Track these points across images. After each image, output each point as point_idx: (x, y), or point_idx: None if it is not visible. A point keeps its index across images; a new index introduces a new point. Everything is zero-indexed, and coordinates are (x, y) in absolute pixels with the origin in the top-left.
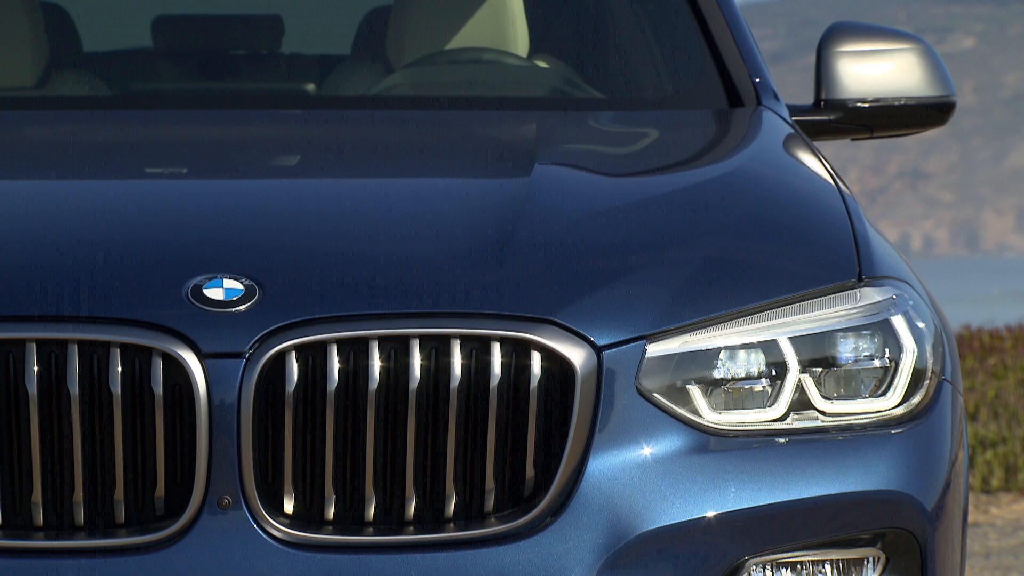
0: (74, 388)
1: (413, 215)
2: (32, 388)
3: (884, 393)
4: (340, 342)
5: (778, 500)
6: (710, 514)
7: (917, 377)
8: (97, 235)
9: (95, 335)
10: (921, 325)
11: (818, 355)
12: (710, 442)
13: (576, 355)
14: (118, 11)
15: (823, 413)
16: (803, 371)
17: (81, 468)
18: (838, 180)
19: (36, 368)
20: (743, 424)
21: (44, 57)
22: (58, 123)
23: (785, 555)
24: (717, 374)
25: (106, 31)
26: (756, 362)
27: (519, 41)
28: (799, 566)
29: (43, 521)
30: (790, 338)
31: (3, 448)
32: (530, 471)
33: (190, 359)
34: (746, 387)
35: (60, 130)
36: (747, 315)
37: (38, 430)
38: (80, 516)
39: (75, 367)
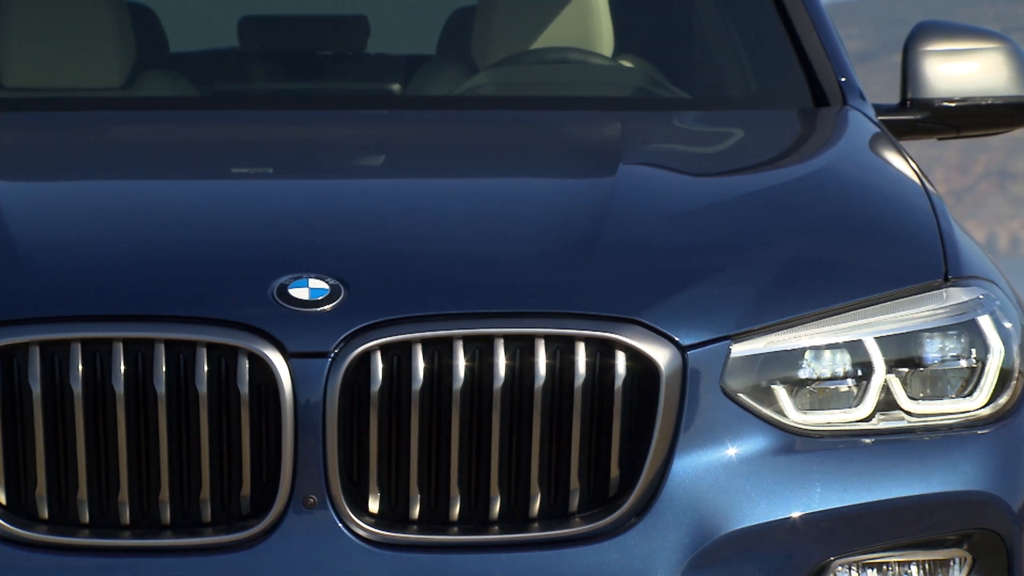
0: (161, 388)
1: (498, 215)
2: (119, 387)
3: (970, 393)
4: (425, 342)
5: (864, 501)
6: (795, 515)
7: (1004, 377)
8: (184, 235)
9: (182, 335)
10: (1008, 325)
11: (904, 355)
12: (795, 442)
13: (661, 355)
14: (205, 11)
15: (909, 413)
16: (889, 371)
17: (167, 467)
18: (924, 180)
19: (123, 368)
20: (829, 424)
21: (131, 58)
22: (145, 123)
23: (871, 556)
24: (802, 374)
25: (193, 32)
26: (842, 362)
27: (604, 41)
28: (885, 567)
29: (129, 520)
30: (876, 338)
31: (92, 448)
32: (614, 471)
33: (276, 359)
34: (831, 387)
35: (147, 130)
36: (833, 315)
37: (125, 429)
38: (166, 515)
39: (161, 367)
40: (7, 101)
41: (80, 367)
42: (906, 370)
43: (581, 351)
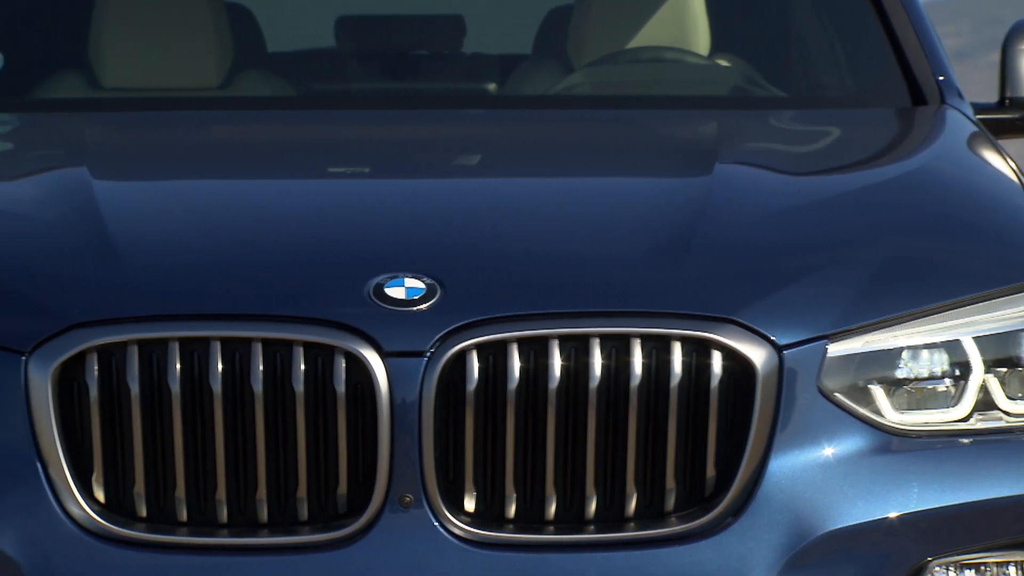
0: (257, 386)
1: (593, 214)
2: (216, 386)
3: None
4: (521, 341)
5: (962, 501)
6: (893, 515)
7: None
8: (280, 234)
9: (279, 334)
10: None
11: (1002, 355)
12: (892, 442)
13: (757, 355)
14: (302, 11)
15: (1007, 413)
16: (987, 371)
17: (265, 466)
18: (1022, 179)
19: (220, 366)
20: (926, 424)
21: (229, 58)
22: (241, 123)
23: (969, 556)
24: (900, 374)
25: (290, 31)
26: (939, 362)
27: (700, 40)
28: (983, 567)
29: (227, 518)
30: (974, 338)
31: (189, 446)
32: (710, 471)
33: (372, 358)
34: (929, 387)
35: (243, 130)
36: (930, 315)
37: (222, 428)
38: (263, 514)
39: (258, 366)
40: (106, 101)
41: (178, 366)
42: (1004, 370)
43: (677, 351)
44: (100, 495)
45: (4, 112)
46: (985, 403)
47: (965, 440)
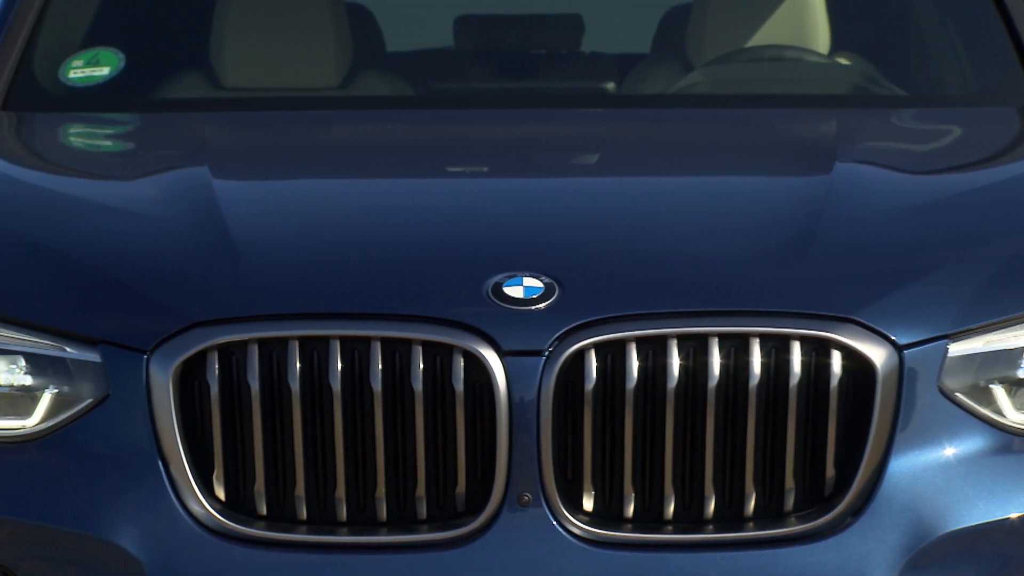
0: (377, 385)
1: (711, 213)
2: (336, 385)
3: None
4: (639, 340)
5: None
6: (1014, 515)
7: None
8: (399, 234)
9: (398, 333)
10: None
11: None
12: (1014, 442)
13: (877, 354)
14: (421, 11)
15: None
16: None
17: (384, 464)
18: None
19: (339, 365)
20: None
21: (348, 58)
22: (361, 123)
23: None
24: (1021, 374)
25: (409, 31)
26: None
27: (820, 38)
28: None
29: (346, 516)
30: None
31: (309, 445)
32: (830, 470)
33: (491, 357)
34: None
35: (363, 130)
36: None
37: (341, 426)
38: (382, 512)
39: (378, 364)
40: (226, 101)
41: (298, 365)
42: None
43: (796, 350)
44: (220, 493)
45: (126, 112)
46: None
47: None
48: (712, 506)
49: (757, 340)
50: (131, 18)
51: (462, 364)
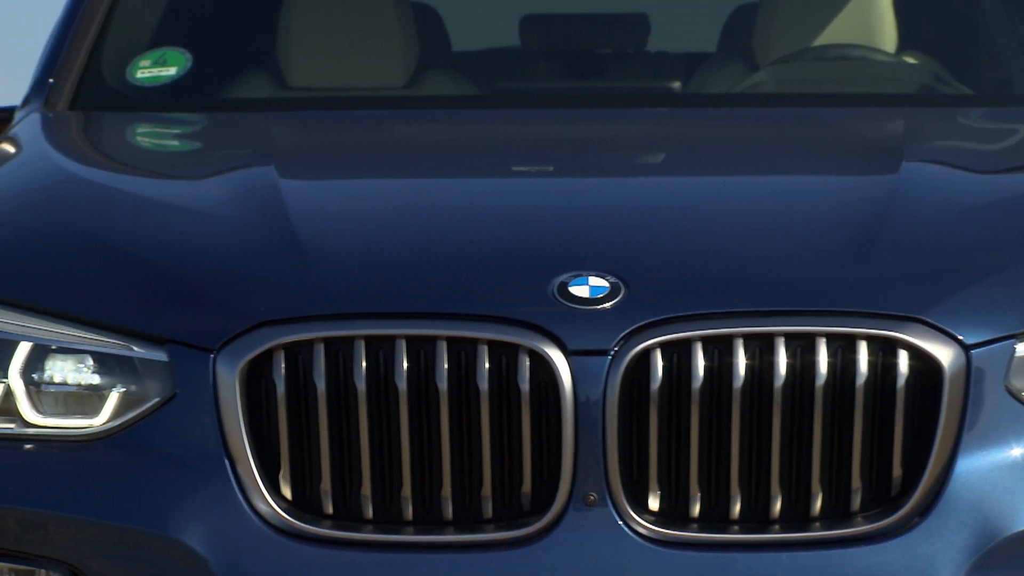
0: (443, 384)
1: (778, 212)
2: (401, 384)
3: None
4: (705, 340)
5: None
6: None
7: None
8: (464, 233)
9: (464, 332)
10: None
11: None
12: None
13: (944, 354)
14: (486, 10)
15: None
16: None
17: (450, 464)
18: None
19: (405, 364)
20: None
21: (414, 57)
22: (427, 122)
23: None
24: None
25: (474, 30)
26: None
27: (887, 37)
28: None
29: (412, 516)
30: None
31: (375, 444)
32: (897, 470)
33: (556, 356)
34: None
35: (429, 129)
36: None
37: (408, 426)
38: (448, 511)
39: (443, 364)
40: (293, 101)
41: (364, 364)
42: None
43: (863, 349)
44: (287, 492)
45: (193, 111)
46: None
47: None
48: (778, 506)
49: (824, 340)
50: (198, 18)
51: (528, 364)
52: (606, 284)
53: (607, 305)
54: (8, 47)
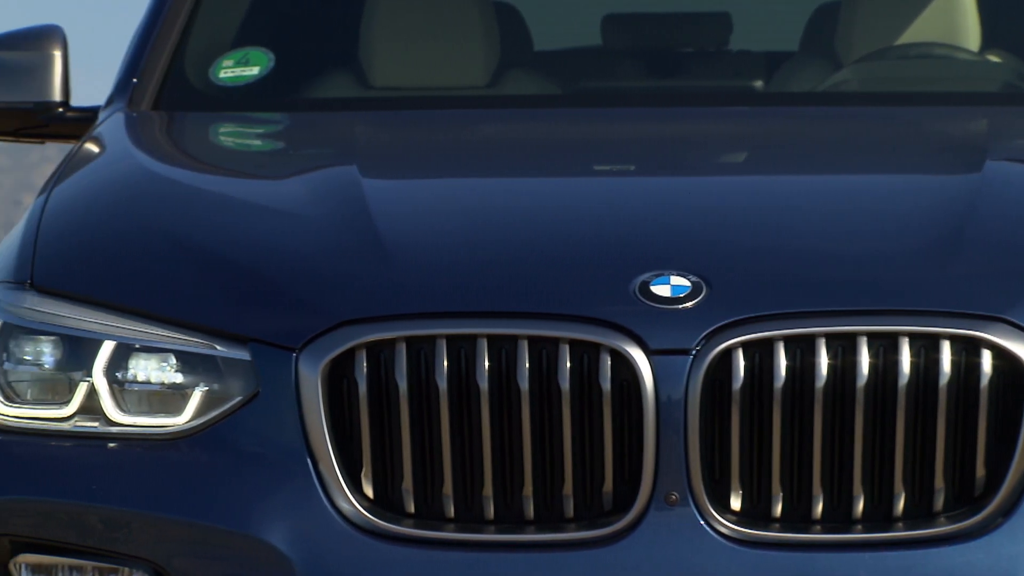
0: (524, 384)
1: (859, 211)
2: (483, 383)
3: None
4: (787, 339)
5: None
6: None
7: None
8: (546, 232)
9: (545, 331)
10: None
11: None
12: None
13: None
14: (569, 9)
15: None
16: None
17: (531, 463)
18: None
19: (487, 364)
20: None
21: (496, 56)
22: (509, 122)
23: None
24: None
25: (557, 29)
26: None
27: (971, 35)
28: None
29: (494, 515)
30: None
31: (456, 443)
32: (980, 470)
33: (638, 356)
34: None
35: (511, 128)
36: None
37: (489, 425)
38: (530, 510)
39: (524, 363)
40: (375, 100)
41: (445, 363)
42: None
43: (946, 349)
44: (369, 491)
45: (275, 111)
46: None
47: None
48: (861, 506)
49: (906, 339)
50: (281, 18)
51: (609, 363)
52: (688, 283)
53: (689, 304)
54: (93, 47)
